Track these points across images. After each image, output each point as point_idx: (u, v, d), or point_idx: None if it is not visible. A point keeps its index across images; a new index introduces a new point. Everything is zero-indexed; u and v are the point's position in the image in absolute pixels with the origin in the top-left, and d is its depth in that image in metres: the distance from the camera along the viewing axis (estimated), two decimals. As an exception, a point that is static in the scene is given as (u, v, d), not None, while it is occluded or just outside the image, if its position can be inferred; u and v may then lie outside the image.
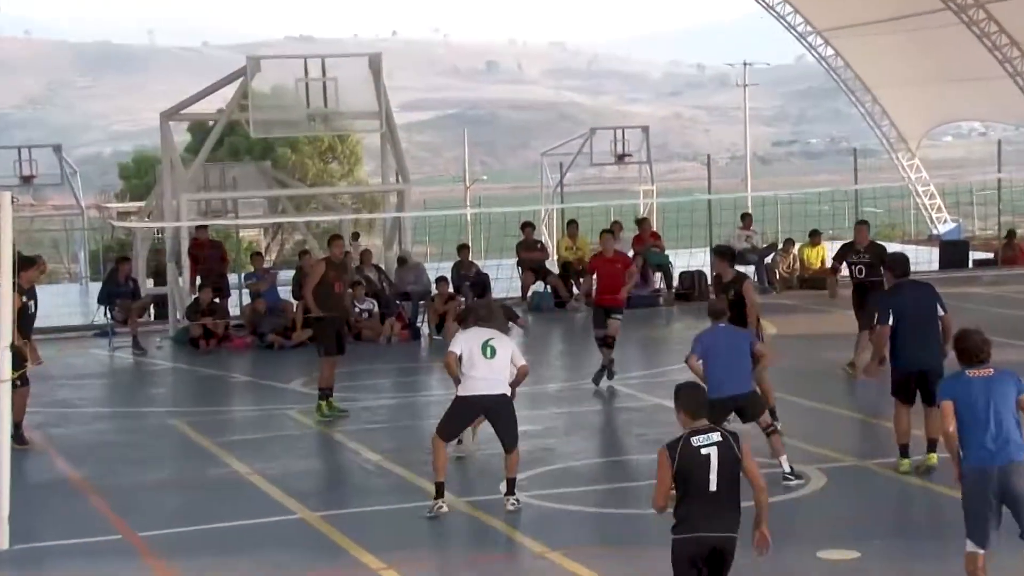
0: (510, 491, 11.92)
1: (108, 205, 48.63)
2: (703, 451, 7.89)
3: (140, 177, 55.47)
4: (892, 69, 45.22)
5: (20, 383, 13.33)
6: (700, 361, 12.14)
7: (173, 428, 16.39)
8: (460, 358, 11.80)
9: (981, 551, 8.74)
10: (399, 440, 15.04)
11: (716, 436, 7.95)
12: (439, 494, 11.82)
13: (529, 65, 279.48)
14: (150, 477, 13.93)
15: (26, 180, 36.82)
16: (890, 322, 12.40)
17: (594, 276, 18.00)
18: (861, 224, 18.64)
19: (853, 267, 17.67)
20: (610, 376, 17.61)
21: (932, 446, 12.49)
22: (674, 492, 7.93)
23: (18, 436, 14.13)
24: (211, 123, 27.01)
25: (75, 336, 24.16)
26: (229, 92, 24.47)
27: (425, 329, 23.37)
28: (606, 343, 17.45)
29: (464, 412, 11.99)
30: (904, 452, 12.71)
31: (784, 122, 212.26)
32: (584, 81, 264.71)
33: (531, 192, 50.63)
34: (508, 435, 11.91)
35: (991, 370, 8.93)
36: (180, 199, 23.64)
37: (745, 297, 14.22)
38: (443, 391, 13.43)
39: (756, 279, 28.24)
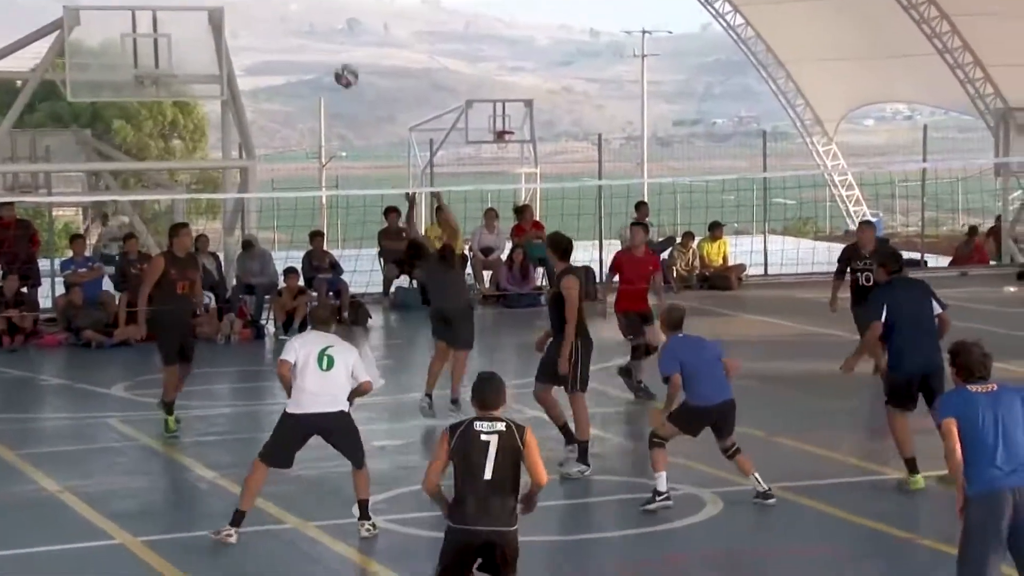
0: (363, 515, 11.94)
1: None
2: (483, 437, 8.57)
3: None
4: (809, 43, 45.97)
5: None
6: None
7: (-29, 439, 16.14)
8: (295, 367, 11.71)
9: None
10: (237, 455, 14.96)
11: (500, 425, 8.60)
12: (235, 522, 11.74)
13: (397, 25, 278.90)
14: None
15: None
16: (883, 319, 12.92)
17: (616, 277, 17.85)
18: (866, 225, 19.16)
19: (859, 274, 17.76)
20: (637, 390, 17.51)
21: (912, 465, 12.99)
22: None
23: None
24: (19, 83, 26.56)
25: None
26: (43, 47, 24.14)
27: (270, 327, 23.26)
28: (647, 352, 17.27)
29: (293, 432, 11.85)
30: (913, 467, 13.07)
31: (687, 99, 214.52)
32: (461, 45, 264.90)
33: (397, 172, 50.64)
34: (352, 453, 11.92)
35: (993, 385, 9.04)
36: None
37: (564, 295, 14.04)
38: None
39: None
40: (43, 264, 24.95)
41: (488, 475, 8.45)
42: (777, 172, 36.08)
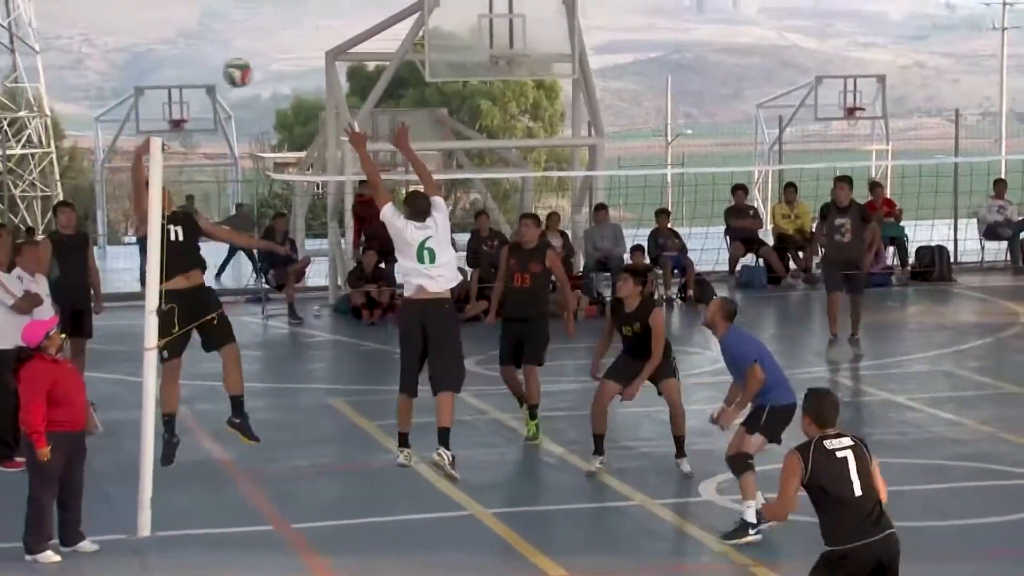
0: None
1: (264, 155, 49.80)
2: (839, 454, 8.13)
3: (300, 124, 56.69)
4: None
5: (168, 355, 12.12)
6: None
7: (332, 408, 16.77)
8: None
9: None
10: (583, 430, 15.10)
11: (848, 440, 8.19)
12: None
13: (746, 2, 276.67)
14: (305, 462, 14.29)
15: (176, 125, 37.93)
16: None
17: None
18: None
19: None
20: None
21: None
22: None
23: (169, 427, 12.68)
24: (372, 66, 27.40)
25: (225, 301, 24.75)
26: (402, 30, 24.76)
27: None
28: None
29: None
30: None
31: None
32: (810, 21, 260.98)
33: (744, 150, 50.33)
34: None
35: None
36: (344, 150, 24.06)
37: (652, 328, 12.94)
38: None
39: (1009, 257, 27.66)
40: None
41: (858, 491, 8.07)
42: None
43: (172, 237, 12.01)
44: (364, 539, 11.66)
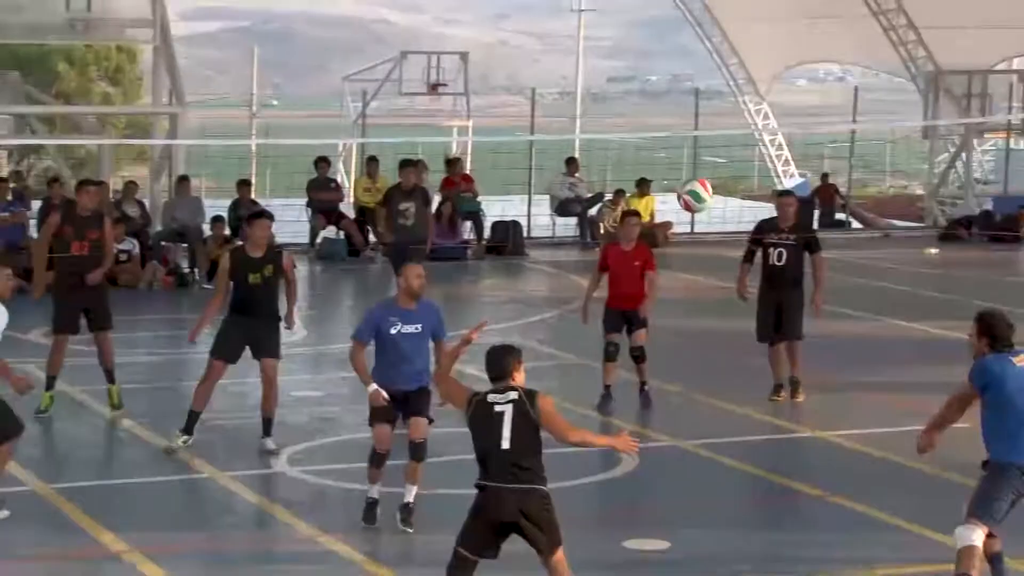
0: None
1: None
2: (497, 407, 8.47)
3: None
4: (744, 1, 46.00)
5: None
6: None
7: None
8: None
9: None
10: (156, 404, 14.93)
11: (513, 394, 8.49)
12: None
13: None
14: None
15: None
16: None
17: (604, 272, 14.96)
18: (786, 195, 16.19)
19: (771, 250, 15.01)
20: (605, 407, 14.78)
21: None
22: None
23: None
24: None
25: None
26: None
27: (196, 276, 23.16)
28: (635, 358, 14.81)
29: None
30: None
31: (623, 56, 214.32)
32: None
33: (329, 122, 50.30)
34: None
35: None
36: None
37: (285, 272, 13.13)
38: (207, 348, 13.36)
39: (579, 233, 28.64)
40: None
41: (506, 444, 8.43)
42: (708, 131, 36.15)
43: None
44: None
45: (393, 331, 10.86)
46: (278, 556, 10.60)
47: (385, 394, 10.78)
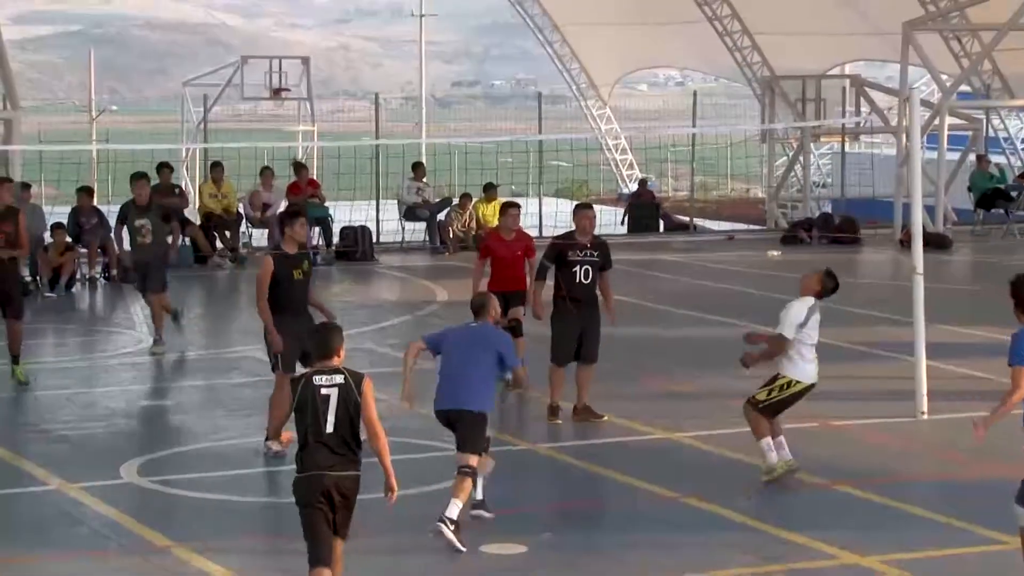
0: None
1: None
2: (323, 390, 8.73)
3: None
4: (584, 7, 46.35)
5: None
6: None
7: None
8: None
9: None
10: None
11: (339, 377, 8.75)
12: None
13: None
14: None
15: None
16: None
17: (487, 259, 15.46)
18: (584, 209, 14.87)
19: (577, 268, 14.29)
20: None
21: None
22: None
23: None
24: None
25: None
26: None
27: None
28: (512, 330, 13.97)
29: None
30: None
31: (466, 60, 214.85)
32: (237, 0, 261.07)
33: (170, 127, 49.72)
34: None
35: None
36: None
37: None
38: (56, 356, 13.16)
39: (428, 237, 28.63)
40: None
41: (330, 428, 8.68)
42: (552, 135, 36.37)
43: None
44: None
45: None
46: (129, 568, 10.42)
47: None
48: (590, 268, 14.19)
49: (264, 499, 12.11)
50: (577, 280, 14.18)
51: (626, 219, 32.76)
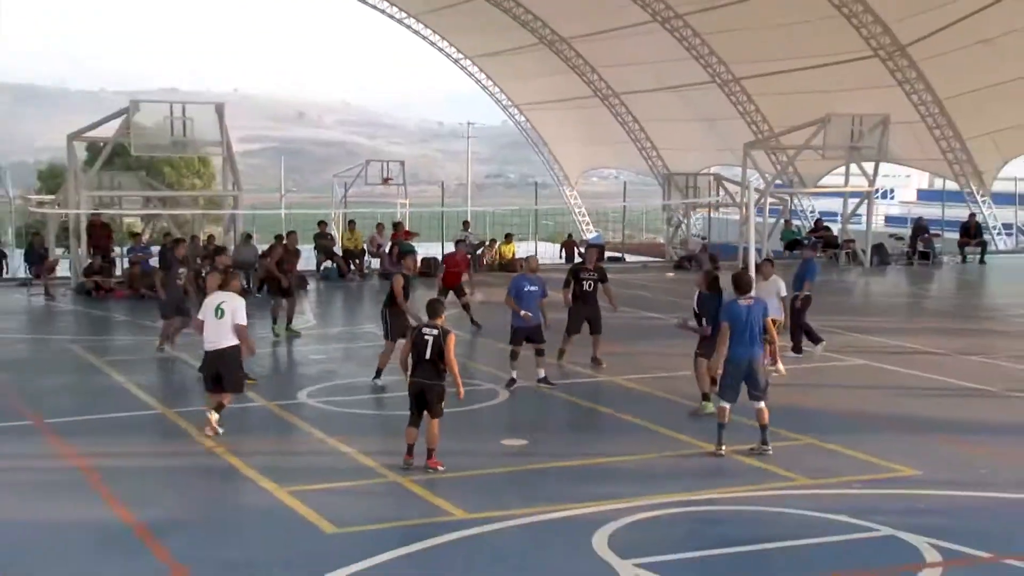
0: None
1: (31, 196, 45.46)
2: (426, 336, 8.94)
3: (53, 179, 52.08)
4: (562, 132, 46.58)
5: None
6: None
7: (72, 350, 15.62)
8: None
9: None
10: None
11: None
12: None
13: (326, 115, 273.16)
14: (54, 382, 13.25)
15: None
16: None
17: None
18: (593, 247, 15.40)
19: (584, 282, 14.22)
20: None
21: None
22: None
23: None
24: (102, 144, 25.71)
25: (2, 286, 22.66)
26: (116, 123, 23.40)
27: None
28: (465, 307, 17.42)
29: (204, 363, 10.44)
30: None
31: (493, 162, 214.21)
32: (363, 128, 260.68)
33: (327, 201, 49.78)
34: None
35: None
36: (81, 194, 22.60)
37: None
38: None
39: (472, 264, 28.47)
40: (117, 249, 24.22)
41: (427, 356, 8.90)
42: (543, 206, 36.24)
43: None
44: (92, 430, 10.82)
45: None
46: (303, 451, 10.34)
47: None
48: (592, 282, 14.11)
49: (376, 412, 12.06)
50: (584, 289, 14.13)
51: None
